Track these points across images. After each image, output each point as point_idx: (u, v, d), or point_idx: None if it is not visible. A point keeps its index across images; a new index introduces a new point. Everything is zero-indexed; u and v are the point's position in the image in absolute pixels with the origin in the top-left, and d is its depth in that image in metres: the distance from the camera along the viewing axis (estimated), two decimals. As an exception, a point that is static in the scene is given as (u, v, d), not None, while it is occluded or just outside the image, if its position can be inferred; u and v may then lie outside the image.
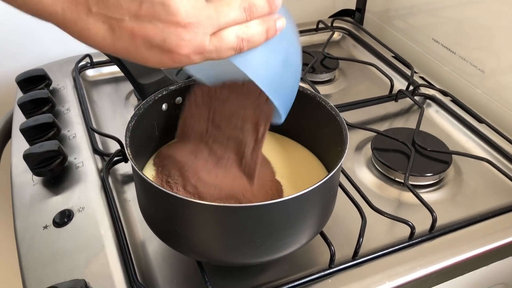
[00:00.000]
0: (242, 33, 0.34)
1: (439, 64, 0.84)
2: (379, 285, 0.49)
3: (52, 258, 0.50)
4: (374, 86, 0.83)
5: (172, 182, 0.46)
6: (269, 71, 0.39)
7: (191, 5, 0.32)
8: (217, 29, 0.33)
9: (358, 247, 0.51)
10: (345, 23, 1.00)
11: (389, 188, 0.62)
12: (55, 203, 0.56)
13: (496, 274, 0.59)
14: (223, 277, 0.49)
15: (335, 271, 0.50)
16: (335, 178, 0.46)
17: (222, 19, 0.33)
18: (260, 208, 0.40)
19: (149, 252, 0.52)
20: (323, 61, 0.86)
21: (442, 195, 0.62)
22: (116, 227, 0.53)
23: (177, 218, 0.42)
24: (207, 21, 0.33)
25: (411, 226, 0.53)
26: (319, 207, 0.45)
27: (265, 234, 0.42)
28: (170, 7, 0.31)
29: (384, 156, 0.64)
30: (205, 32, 0.33)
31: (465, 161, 0.66)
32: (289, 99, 0.43)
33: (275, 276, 0.50)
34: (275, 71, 0.39)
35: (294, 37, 0.41)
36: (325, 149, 0.53)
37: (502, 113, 0.73)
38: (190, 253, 0.46)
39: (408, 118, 0.76)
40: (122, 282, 0.48)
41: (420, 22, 0.88)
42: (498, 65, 0.74)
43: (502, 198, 0.61)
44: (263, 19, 0.36)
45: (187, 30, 0.32)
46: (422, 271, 0.51)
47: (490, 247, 0.54)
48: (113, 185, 0.60)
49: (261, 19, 0.36)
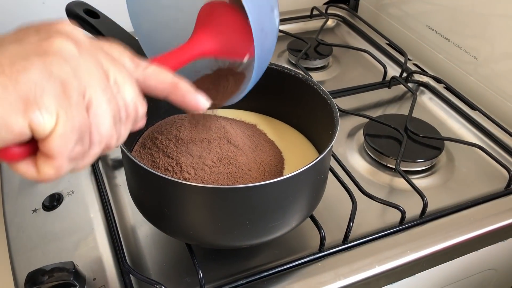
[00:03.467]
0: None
1: (433, 51, 0.84)
2: (369, 269, 0.49)
3: (41, 241, 0.50)
4: (368, 73, 0.83)
5: (160, 163, 0.46)
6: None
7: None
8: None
9: (349, 231, 0.51)
10: (339, 10, 0.99)
11: (381, 174, 0.62)
12: (44, 186, 0.56)
13: (486, 260, 0.59)
14: (213, 261, 0.49)
15: (325, 255, 0.50)
16: (325, 161, 0.45)
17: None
18: (249, 189, 0.40)
19: (139, 236, 0.52)
20: (316, 47, 0.85)
21: (434, 181, 0.62)
22: (106, 211, 0.53)
23: (166, 200, 0.42)
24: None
25: (401, 211, 0.53)
26: (309, 189, 0.44)
27: (255, 216, 0.41)
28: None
29: (376, 142, 0.64)
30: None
31: (457, 148, 0.66)
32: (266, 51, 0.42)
33: (265, 259, 0.50)
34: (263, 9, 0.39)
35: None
36: (317, 133, 0.53)
37: (495, 100, 0.73)
38: (180, 235, 0.46)
39: (401, 105, 0.76)
40: (112, 265, 0.48)
41: (415, 9, 0.88)
42: (492, 52, 0.74)
43: (494, 184, 0.61)
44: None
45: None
46: (412, 256, 0.51)
47: (480, 232, 0.54)
48: (103, 170, 0.60)
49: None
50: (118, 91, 0.29)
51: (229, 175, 0.45)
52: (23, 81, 0.25)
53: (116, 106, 0.29)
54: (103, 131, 0.28)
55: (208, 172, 0.45)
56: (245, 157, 0.47)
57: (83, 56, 0.28)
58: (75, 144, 0.27)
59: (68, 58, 0.27)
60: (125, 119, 0.30)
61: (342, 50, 0.88)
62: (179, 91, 0.33)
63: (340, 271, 0.48)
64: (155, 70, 0.33)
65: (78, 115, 0.26)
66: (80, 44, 0.28)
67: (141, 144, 0.50)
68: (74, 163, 0.28)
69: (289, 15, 0.96)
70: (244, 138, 0.50)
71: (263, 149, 0.50)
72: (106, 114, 0.28)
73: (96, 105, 0.27)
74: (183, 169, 0.44)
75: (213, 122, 0.50)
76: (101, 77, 0.28)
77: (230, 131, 0.49)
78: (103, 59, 0.29)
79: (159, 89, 0.33)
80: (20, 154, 0.27)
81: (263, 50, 0.40)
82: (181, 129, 0.49)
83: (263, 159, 0.48)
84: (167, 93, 0.33)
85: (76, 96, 0.26)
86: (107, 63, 0.29)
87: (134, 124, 0.31)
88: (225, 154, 0.46)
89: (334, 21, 0.98)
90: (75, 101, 0.26)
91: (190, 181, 0.44)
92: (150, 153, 0.47)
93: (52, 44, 0.27)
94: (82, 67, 0.27)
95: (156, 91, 0.33)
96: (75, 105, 0.26)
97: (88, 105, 0.27)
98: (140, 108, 0.31)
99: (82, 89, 0.27)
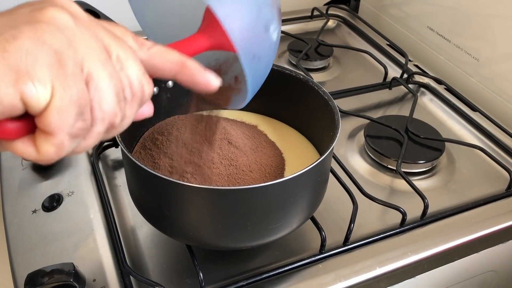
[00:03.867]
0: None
1: (433, 53, 0.84)
2: (370, 270, 0.49)
3: (41, 242, 0.50)
4: (368, 74, 0.82)
5: (161, 164, 0.46)
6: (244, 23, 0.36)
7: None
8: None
9: (349, 233, 0.50)
10: (340, 10, 0.99)
11: (382, 175, 0.62)
12: (44, 187, 0.56)
13: (486, 261, 0.59)
14: (213, 262, 0.49)
15: (325, 257, 0.49)
16: (326, 162, 0.45)
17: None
18: (250, 191, 0.39)
19: (139, 237, 0.52)
20: (317, 48, 0.85)
21: (435, 182, 0.62)
22: (106, 212, 0.53)
23: (166, 201, 0.42)
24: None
25: (402, 212, 0.53)
26: (310, 191, 0.44)
27: (256, 218, 0.41)
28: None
29: (377, 143, 0.64)
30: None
31: (458, 149, 0.66)
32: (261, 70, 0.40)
33: (265, 261, 0.49)
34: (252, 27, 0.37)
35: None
36: (318, 134, 0.53)
37: (495, 101, 0.73)
38: (180, 237, 0.46)
39: (402, 106, 0.75)
40: (111, 266, 0.48)
41: (416, 10, 0.87)
42: (493, 53, 0.73)
43: (494, 185, 0.61)
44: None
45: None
46: (413, 257, 0.50)
47: (481, 234, 0.54)
48: (103, 171, 0.59)
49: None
50: (122, 68, 0.27)
51: (230, 176, 0.45)
52: (13, 50, 0.23)
53: (119, 82, 0.26)
54: (106, 107, 0.26)
55: (208, 173, 0.45)
56: (245, 158, 0.47)
57: (79, 28, 0.25)
58: (76, 119, 0.25)
59: (62, 28, 0.25)
60: (131, 98, 0.28)
61: (343, 51, 0.88)
62: (188, 70, 0.31)
63: (340, 272, 0.48)
64: (160, 49, 0.30)
65: (76, 87, 0.24)
66: (77, 17, 0.26)
67: (141, 145, 0.50)
68: (76, 141, 0.26)
69: (289, 15, 0.96)
70: (244, 139, 0.50)
71: (264, 150, 0.50)
72: (108, 89, 0.26)
73: (97, 79, 0.25)
74: (183, 170, 0.44)
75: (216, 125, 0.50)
76: (100, 50, 0.26)
77: (231, 132, 0.49)
78: (103, 34, 0.27)
79: (166, 68, 0.30)
80: (16, 131, 0.25)
81: (256, 75, 0.39)
82: (181, 130, 0.49)
83: (264, 160, 0.48)
84: (175, 72, 0.31)
85: (72, 66, 0.24)
86: (108, 39, 0.27)
87: (140, 104, 0.29)
88: (225, 155, 0.46)
89: (335, 21, 0.98)
90: (71, 72, 0.24)
91: (190, 182, 0.44)
92: (151, 154, 0.47)
93: (46, 13, 0.25)
94: (78, 38, 0.25)
95: (163, 71, 0.30)
96: (72, 76, 0.24)
97: (88, 78, 0.25)
98: (147, 87, 0.29)
99: (79, 60, 0.25)
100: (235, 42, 0.35)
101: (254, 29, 0.37)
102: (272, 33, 0.39)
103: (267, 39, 0.39)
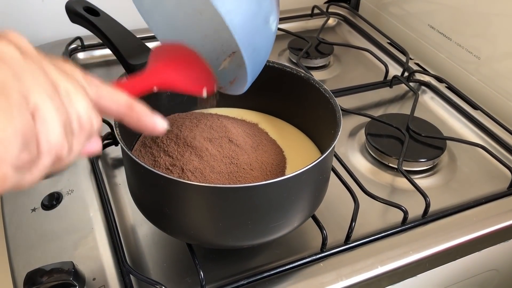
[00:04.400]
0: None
1: (434, 51, 0.84)
2: (371, 269, 0.48)
3: (40, 241, 0.49)
4: (369, 72, 0.82)
5: (161, 162, 0.45)
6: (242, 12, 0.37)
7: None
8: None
9: (351, 231, 0.50)
10: (340, 8, 0.98)
11: (383, 174, 0.62)
12: (43, 185, 0.56)
13: (488, 260, 0.59)
14: (214, 261, 0.49)
15: (327, 255, 0.49)
16: (327, 160, 0.45)
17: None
18: (251, 189, 0.39)
19: (139, 236, 0.52)
20: (317, 46, 0.85)
21: (436, 180, 0.61)
22: (106, 210, 0.53)
23: (166, 200, 0.41)
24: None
25: (404, 210, 0.53)
26: (311, 189, 0.44)
27: (256, 216, 0.41)
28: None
29: (378, 141, 0.63)
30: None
31: (459, 147, 0.66)
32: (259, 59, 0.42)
33: (266, 260, 0.49)
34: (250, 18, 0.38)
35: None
36: (319, 132, 0.53)
37: (497, 99, 0.73)
38: (180, 235, 0.46)
39: (403, 104, 0.75)
40: (111, 265, 0.47)
41: (416, 8, 0.87)
42: (494, 52, 0.73)
43: (496, 184, 0.60)
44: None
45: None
46: (415, 256, 0.50)
47: (482, 232, 0.54)
48: (103, 169, 0.59)
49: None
50: (70, 101, 0.26)
51: (231, 174, 0.45)
52: None
53: (67, 115, 0.26)
54: (53, 139, 0.25)
55: (209, 171, 0.44)
56: (246, 156, 0.47)
57: (27, 62, 0.25)
58: (20, 151, 0.24)
59: (8, 61, 0.24)
60: (78, 132, 0.27)
61: (343, 49, 0.87)
62: (135, 113, 0.31)
63: (342, 271, 0.48)
64: (109, 89, 0.30)
65: (21, 118, 0.23)
66: (25, 52, 0.26)
67: (141, 143, 0.49)
68: (21, 173, 0.25)
69: (290, 13, 0.96)
70: (245, 137, 0.50)
71: (265, 148, 0.50)
72: (55, 121, 0.25)
73: (43, 111, 0.25)
74: (184, 168, 0.44)
75: (214, 121, 0.50)
76: (48, 83, 0.25)
77: (232, 130, 0.49)
78: (51, 69, 0.26)
79: (113, 109, 0.30)
80: None
81: (255, 65, 0.40)
82: (182, 128, 0.48)
83: (265, 158, 0.48)
84: (122, 114, 0.31)
85: (17, 98, 0.23)
86: (56, 74, 0.26)
87: (88, 137, 0.28)
88: (226, 153, 0.46)
89: (335, 20, 0.97)
90: (16, 103, 0.23)
91: (191, 180, 0.43)
92: (151, 152, 0.47)
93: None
94: (25, 71, 0.24)
95: (110, 112, 0.30)
96: (16, 107, 0.23)
97: (34, 110, 0.24)
98: (95, 121, 0.28)
99: (25, 92, 0.24)
100: (237, 38, 0.35)
101: (255, 23, 0.38)
102: (271, 24, 0.40)
103: (267, 30, 0.39)
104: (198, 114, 0.53)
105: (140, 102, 0.31)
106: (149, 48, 0.55)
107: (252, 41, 0.38)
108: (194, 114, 0.53)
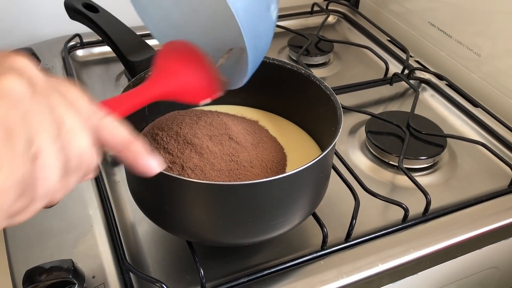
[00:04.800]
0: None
1: (435, 48, 0.83)
2: (372, 267, 0.48)
3: (40, 238, 0.49)
4: (369, 70, 0.82)
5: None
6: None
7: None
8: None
9: (351, 229, 0.50)
10: (340, 6, 0.98)
11: (383, 171, 0.61)
12: (42, 183, 0.55)
13: (489, 258, 0.59)
14: (214, 258, 0.49)
15: (327, 253, 0.49)
16: (328, 158, 0.45)
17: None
18: (251, 186, 0.39)
19: (139, 233, 0.51)
20: (317, 44, 0.85)
21: (436, 178, 0.61)
22: (105, 208, 0.52)
23: (166, 197, 0.41)
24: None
25: (404, 208, 0.52)
26: (312, 187, 0.44)
27: (257, 214, 0.41)
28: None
29: (378, 139, 0.63)
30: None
31: (460, 145, 0.66)
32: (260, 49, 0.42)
33: (267, 257, 0.49)
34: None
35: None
36: (319, 129, 0.53)
37: (497, 97, 0.73)
38: (180, 233, 0.45)
39: (403, 102, 0.75)
40: (111, 262, 0.47)
41: (417, 5, 0.87)
42: (495, 49, 0.73)
43: (496, 181, 0.60)
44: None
45: None
46: (415, 254, 0.50)
47: (483, 230, 0.54)
48: (102, 167, 0.59)
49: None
50: (71, 140, 0.26)
51: (231, 171, 0.44)
52: None
53: (66, 157, 0.25)
54: (50, 185, 0.25)
55: (209, 168, 0.44)
56: (247, 154, 0.47)
57: (36, 99, 0.24)
58: (16, 200, 0.23)
59: (18, 101, 0.24)
60: (75, 170, 0.27)
61: (343, 47, 0.87)
62: (132, 151, 0.30)
63: (342, 269, 0.48)
64: (111, 122, 0.29)
65: (23, 168, 0.23)
66: (35, 84, 0.25)
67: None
68: (11, 220, 0.25)
69: (289, 11, 0.95)
70: (245, 134, 0.49)
71: (265, 145, 0.50)
72: (55, 167, 0.25)
73: (45, 156, 0.24)
74: (184, 166, 0.44)
75: (214, 119, 0.49)
76: (53, 124, 0.25)
77: (232, 128, 0.48)
78: (58, 102, 0.26)
79: (111, 143, 0.29)
80: None
81: (256, 54, 0.40)
82: (182, 125, 0.48)
83: (265, 156, 0.48)
84: (119, 149, 0.30)
85: (22, 146, 0.23)
86: (62, 107, 0.26)
87: (83, 176, 0.28)
88: (226, 150, 0.46)
89: (335, 17, 0.97)
90: (21, 151, 0.23)
91: (191, 177, 0.43)
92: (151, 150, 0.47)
93: (3, 83, 0.24)
94: (33, 112, 0.24)
95: (108, 144, 0.30)
96: (20, 156, 0.23)
97: (35, 155, 0.24)
98: (93, 160, 0.28)
99: (31, 135, 0.23)
100: (239, 21, 0.36)
101: (257, 9, 0.38)
102: (272, 12, 0.40)
103: (268, 17, 0.40)
104: (198, 111, 0.53)
105: (141, 140, 0.31)
106: (149, 45, 0.55)
107: (254, 26, 0.38)
108: (194, 112, 0.53)
